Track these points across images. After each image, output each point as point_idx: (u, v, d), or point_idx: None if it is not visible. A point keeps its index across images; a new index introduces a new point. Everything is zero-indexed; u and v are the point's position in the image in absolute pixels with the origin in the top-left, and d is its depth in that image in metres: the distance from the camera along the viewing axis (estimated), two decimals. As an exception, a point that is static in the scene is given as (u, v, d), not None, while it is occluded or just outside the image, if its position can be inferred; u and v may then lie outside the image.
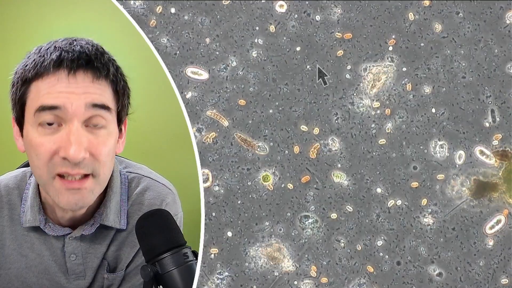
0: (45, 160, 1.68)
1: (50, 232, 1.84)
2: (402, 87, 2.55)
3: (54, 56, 1.68)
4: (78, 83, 1.67)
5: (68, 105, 1.66)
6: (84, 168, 1.68)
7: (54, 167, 1.68)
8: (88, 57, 1.69)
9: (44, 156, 1.67)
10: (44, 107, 1.67)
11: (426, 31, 2.55)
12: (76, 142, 1.65)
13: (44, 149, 1.67)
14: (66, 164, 1.67)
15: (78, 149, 1.64)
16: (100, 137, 1.70)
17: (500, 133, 2.54)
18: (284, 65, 2.55)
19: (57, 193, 1.70)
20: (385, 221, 2.53)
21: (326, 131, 2.55)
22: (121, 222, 1.87)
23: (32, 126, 1.69)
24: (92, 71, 1.69)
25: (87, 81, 1.68)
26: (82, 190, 1.70)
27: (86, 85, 1.68)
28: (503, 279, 2.52)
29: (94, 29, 2.46)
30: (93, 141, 1.68)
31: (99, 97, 1.69)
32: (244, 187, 2.54)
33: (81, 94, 1.67)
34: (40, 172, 1.70)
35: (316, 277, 2.53)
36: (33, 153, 1.69)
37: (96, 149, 1.69)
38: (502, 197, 2.53)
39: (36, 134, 1.68)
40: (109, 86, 1.73)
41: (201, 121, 2.54)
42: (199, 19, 2.55)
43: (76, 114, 1.66)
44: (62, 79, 1.67)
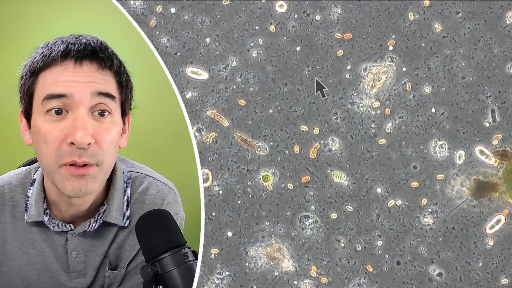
0: (53, 147, 1.73)
1: (53, 227, 1.86)
2: (402, 87, 2.55)
3: (61, 47, 1.76)
4: (84, 72, 1.75)
5: (74, 93, 1.73)
6: (89, 157, 1.73)
7: (62, 156, 1.73)
8: (93, 48, 1.77)
9: (53, 143, 1.73)
10: (51, 95, 1.74)
11: (426, 31, 2.55)
12: (82, 127, 1.71)
13: (52, 137, 1.73)
14: (74, 153, 1.72)
15: (84, 133, 1.71)
16: (104, 124, 1.76)
17: (500, 133, 2.54)
18: (284, 65, 2.55)
19: (63, 179, 1.75)
20: (385, 221, 2.54)
21: (326, 131, 2.55)
22: (123, 219, 1.88)
23: (40, 115, 1.76)
24: (97, 61, 1.77)
25: (93, 70, 1.76)
26: (86, 176, 1.75)
27: (91, 74, 1.76)
28: (503, 279, 2.52)
29: (94, 29, 2.45)
30: (98, 128, 1.75)
31: (103, 86, 1.77)
32: (244, 187, 2.54)
33: (87, 82, 1.75)
34: (48, 160, 1.75)
35: (316, 277, 2.53)
36: (41, 141, 1.75)
37: (101, 136, 1.75)
38: (502, 197, 2.53)
39: (44, 122, 1.75)
40: (113, 77, 1.80)
41: (201, 121, 2.54)
42: (199, 19, 2.55)
43: (82, 102, 1.73)
44: (69, 69, 1.75)
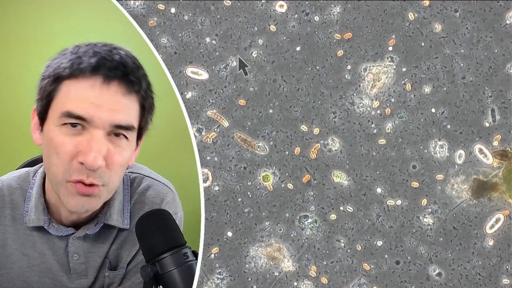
0: (63, 161, 1.68)
1: (54, 232, 1.85)
2: (402, 87, 2.55)
3: (93, 60, 1.66)
4: (111, 95, 1.67)
5: (95, 118, 1.66)
6: (97, 178, 1.69)
7: (71, 172, 1.69)
8: (126, 69, 1.68)
9: (64, 156, 1.68)
10: (71, 114, 1.67)
11: (426, 31, 2.55)
12: (96, 149, 1.65)
13: (65, 149, 1.67)
14: (82, 172, 1.68)
15: (96, 156, 1.65)
16: (119, 147, 1.71)
17: (500, 133, 2.54)
18: (284, 65, 2.55)
19: (68, 194, 1.71)
20: (385, 221, 2.54)
21: (326, 131, 2.55)
22: (124, 221, 1.88)
23: (55, 125, 1.69)
24: (126, 85, 1.68)
25: (119, 94, 1.68)
26: (91, 196, 1.71)
27: (117, 100, 1.67)
28: (504, 279, 2.52)
29: (94, 29, 2.46)
30: (112, 150, 1.69)
31: (125, 117, 1.69)
32: (244, 187, 2.54)
33: (110, 110, 1.67)
34: (56, 171, 1.71)
35: (316, 277, 2.53)
36: (53, 151, 1.69)
37: (112, 159, 1.70)
38: (502, 197, 2.53)
39: (58, 132, 1.68)
40: (137, 102, 1.72)
41: (201, 121, 2.54)
42: (199, 19, 2.55)
43: (101, 127, 1.67)
44: (96, 86, 1.66)
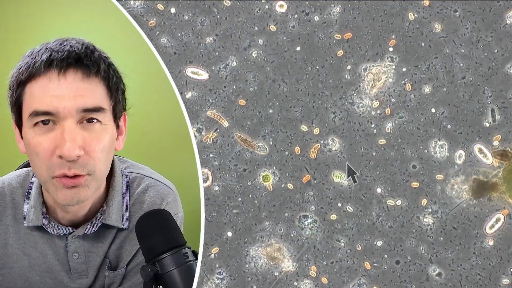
0: (44, 159, 1.72)
1: (53, 231, 1.86)
2: (402, 87, 2.55)
3: (44, 57, 1.71)
4: (69, 83, 1.70)
5: (60, 109, 1.69)
6: (80, 168, 1.71)
7: (53, 168, 1.72)
8: (77, 55, 1.72)
9: (43, 155, 1.71)
10: (37, 112, 1.71)
11: (426, 31, 2.55)
12: (70, 139, 1.68)
13: (43, 148, 1.71)
14: (64, 165, 1.71)
15: (72, 146, 1.68)
16: (94, 132, 1.73)
17: (500, 133, 2.54)
18: (284, 65, 2.55)
19: (56, 189, 1.74)
20: (385, 221, 2.54)
21: (326, 131, 2.55)
22: (123, 221, 1.88)
23: (29, 128, 1.73)
24: (82, 69, 1.72)
25: (78, 80, 1.71)
26: (77, 186, 1.73)
27: (77, 86, 1.71)
28: (504, 279, 2.52)
29: (94, 29, 2.46)
30: (87, 137, 1.72)
31: (90, 99, 1.72)
32: (244, 187, 2.54)
33: (72, 97, 1.70)
34: (40, 170, 1.74)
35: (316, 277, 2.53)
36: (33, 152, 1.73)
37: (90, 146, 1.72)
38: (502, 197, 2.53)
39: (33, 134, 1.72)
40: (101, 83, 1.75)
41: (201, 121, 2.54)
42: (199, 19, 2.55)
43: (69, 116, 1.70)
44: (53, 79, 1.70)
